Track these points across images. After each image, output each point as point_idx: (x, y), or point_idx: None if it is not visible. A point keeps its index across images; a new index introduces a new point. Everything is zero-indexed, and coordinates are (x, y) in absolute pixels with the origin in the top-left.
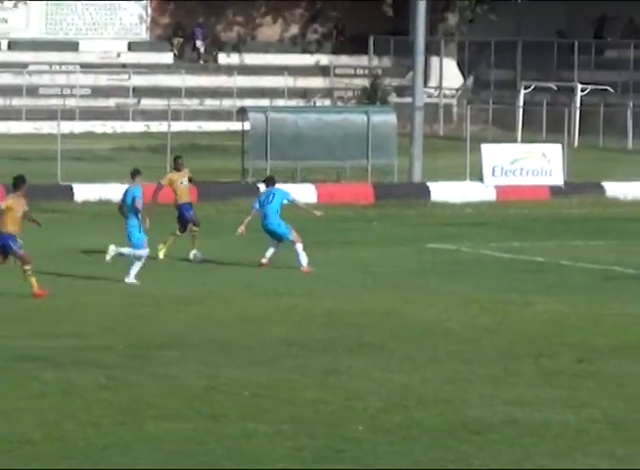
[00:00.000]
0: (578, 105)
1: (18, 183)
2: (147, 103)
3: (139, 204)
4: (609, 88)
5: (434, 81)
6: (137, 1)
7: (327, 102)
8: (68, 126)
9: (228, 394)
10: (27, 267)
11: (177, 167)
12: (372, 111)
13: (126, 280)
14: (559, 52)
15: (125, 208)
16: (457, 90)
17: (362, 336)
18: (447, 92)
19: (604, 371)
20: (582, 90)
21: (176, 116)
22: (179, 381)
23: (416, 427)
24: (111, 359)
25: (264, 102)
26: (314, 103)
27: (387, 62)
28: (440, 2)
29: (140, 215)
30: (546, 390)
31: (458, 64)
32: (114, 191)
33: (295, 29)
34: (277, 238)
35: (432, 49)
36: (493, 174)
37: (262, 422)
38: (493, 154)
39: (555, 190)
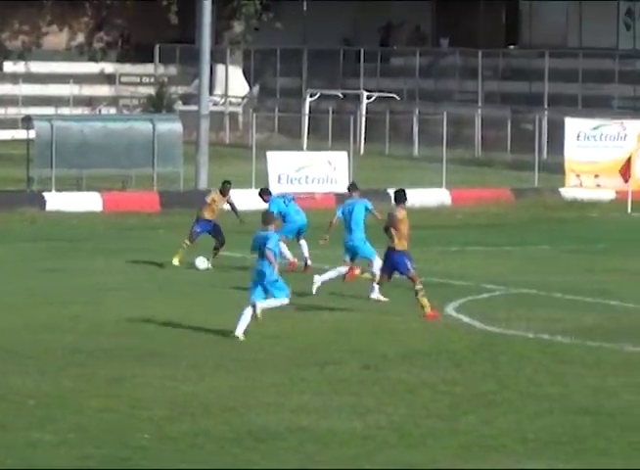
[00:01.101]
0: (364, 112)
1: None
2: None
3: (378, 214)
4: (394, 96)
5: (219, 89)
6: None
7: (112, 110)
8: None
9: (13, 403)
10: (419, 287)
11: (224, 192)
12: (157, 119)
13: (373, 296)
14: (345, 60)
15: (353, 224)
16: (243, 98)
17: (149, 344)
18: (233, 100)
19: (390, 378)
20: (368, 98)
21: None
22: None
23: (202, 435)
24: None
25: (50, 110)
26: (99, 111)
27: (172, 70)
28: (226, 10)
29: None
30: (332, 397)
31: (244, 72)
32: None
33: (81, 38)
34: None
35: (217, 57)
36: (279, 182)
37: (47, 431)
38: (279, 162)
39: (340, 197)
